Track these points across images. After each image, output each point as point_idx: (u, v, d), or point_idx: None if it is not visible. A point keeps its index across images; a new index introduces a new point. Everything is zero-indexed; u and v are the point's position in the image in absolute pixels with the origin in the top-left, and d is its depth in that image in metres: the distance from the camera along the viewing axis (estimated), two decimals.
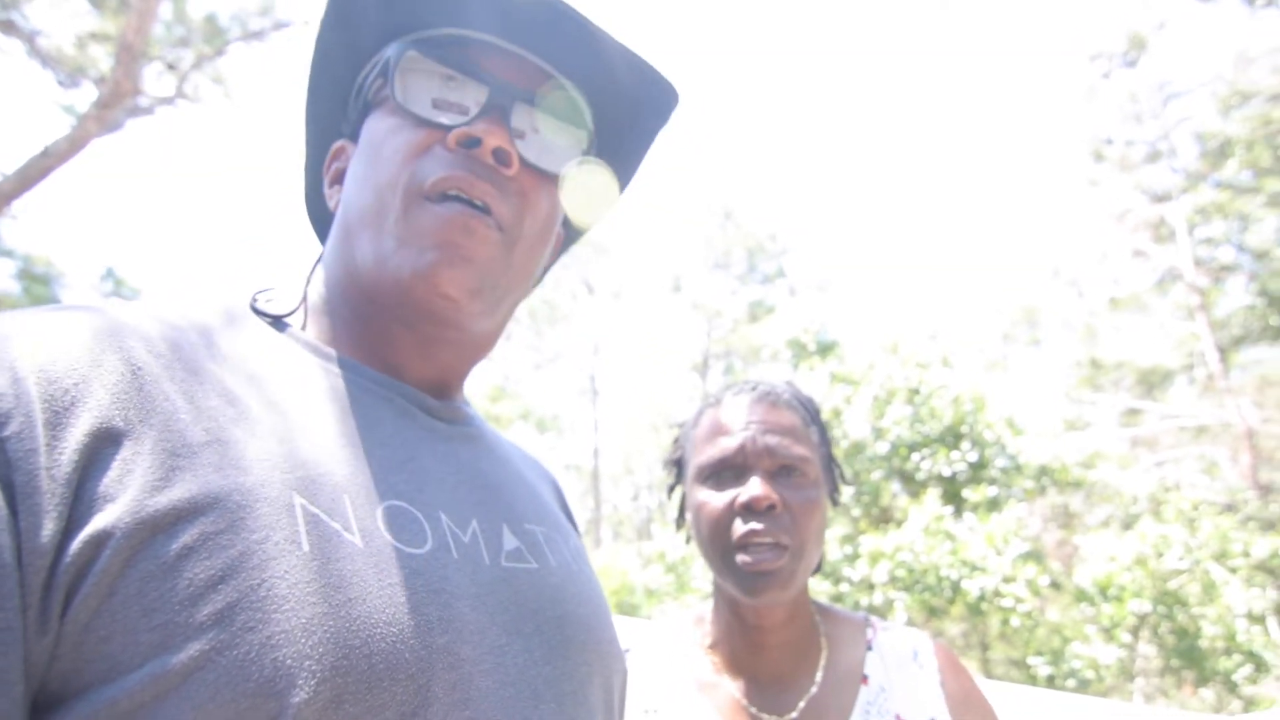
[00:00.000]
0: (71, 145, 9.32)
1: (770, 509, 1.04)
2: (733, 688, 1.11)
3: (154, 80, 11.41)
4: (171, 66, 11.53)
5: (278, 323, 0.68)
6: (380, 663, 0.48)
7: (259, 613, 0.45)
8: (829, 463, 1.20)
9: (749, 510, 1.04)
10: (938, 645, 1.14)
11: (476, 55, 0.68)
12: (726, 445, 1.09)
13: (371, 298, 0.67)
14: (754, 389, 1.17)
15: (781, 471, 1.08)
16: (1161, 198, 15.06)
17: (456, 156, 0.64)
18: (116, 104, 9.22)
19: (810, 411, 1.19)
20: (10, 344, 0.49)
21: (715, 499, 1.08)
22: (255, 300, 0.69)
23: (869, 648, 1.12)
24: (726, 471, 1.09)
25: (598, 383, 24.46)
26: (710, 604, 1.22)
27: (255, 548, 0.47)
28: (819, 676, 1.10)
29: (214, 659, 0.43)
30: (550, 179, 0.71)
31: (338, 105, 0.77)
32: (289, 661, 0.45)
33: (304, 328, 0.70)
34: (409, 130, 0.66)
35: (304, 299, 0.71)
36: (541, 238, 0.71)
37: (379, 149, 0.66)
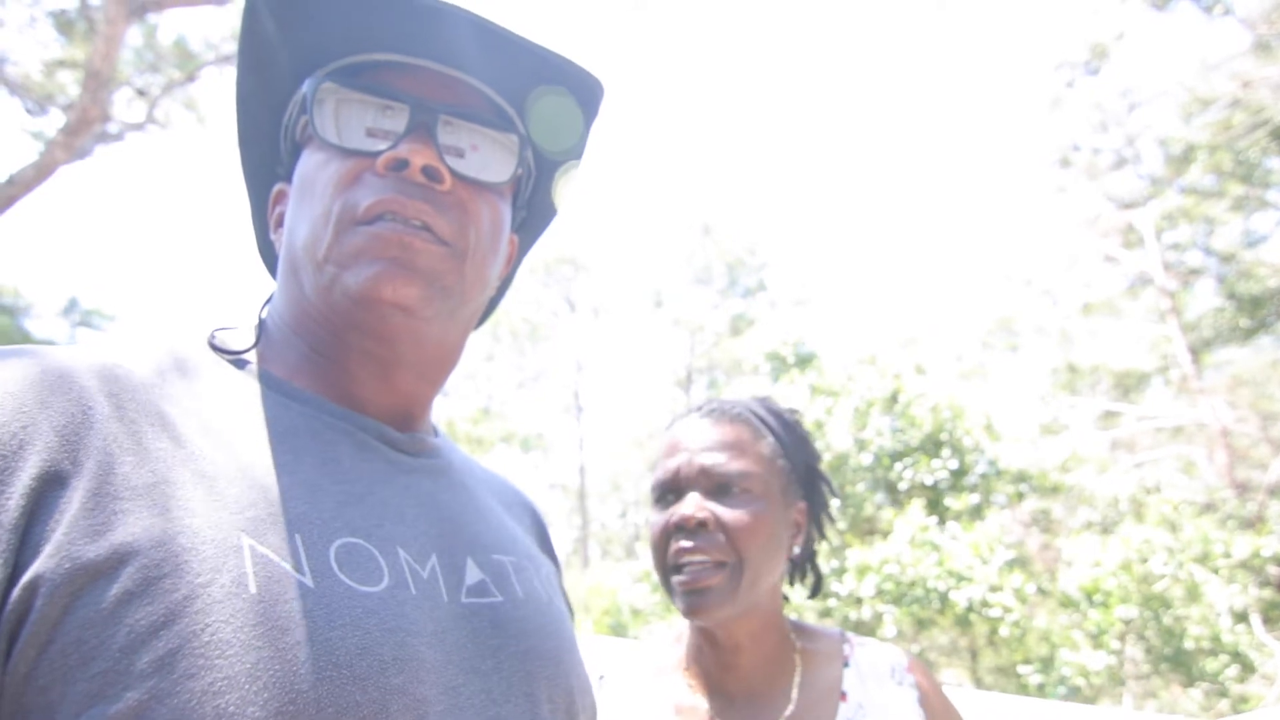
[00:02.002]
0: (38, 173, 9.17)
1: (701, 526, 1.04)
2: (708, 708, 1.10)
3: (124, 107, 11.29)
4: (141, 92, 11.42)
5: (237, 360, 0.67)
6: (329, 705, 0.47)
7: (201, 659, 0.44)
8: (805, 473, 1.18)
9: (681, 530, 1.05)
10: (914, 661, 1.14)
11: (392, 77, 0.68)
12: (668, 467, 1.11)
13: (326, 328, 0.67)
14: (700, 408, 1.17)
15: (719, 489, 1.07)
16: (1129, 204, 15.39)
17: (387, 181, 0.64)
18: (84, 131, 9.11)
19: (772, 422, 1.17)
20: None
21: (657, 520, 1.10)
22: (213, 338, 0.68)
23: (846, 664, 1.12)
24: (669, 493, 1.10)
25: (582, 400, 24.39)
26: (686, 622, 1.21)
27: (200, 591, 0.46)
28: (794, 694, 1.09)
29: (152, 708, 0.42)
30: (489, 188, 0.70)
31: (270, 150, 0.77)
32: (231, 709, 0.44)
33: (263, 364, 0.69)
34: (337, 162, 0.65)
35: (260, 336, 0.71)
36: (491, 247, 0.71)
37: (311, 185, 0.66)
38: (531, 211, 0.85)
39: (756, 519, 1.06)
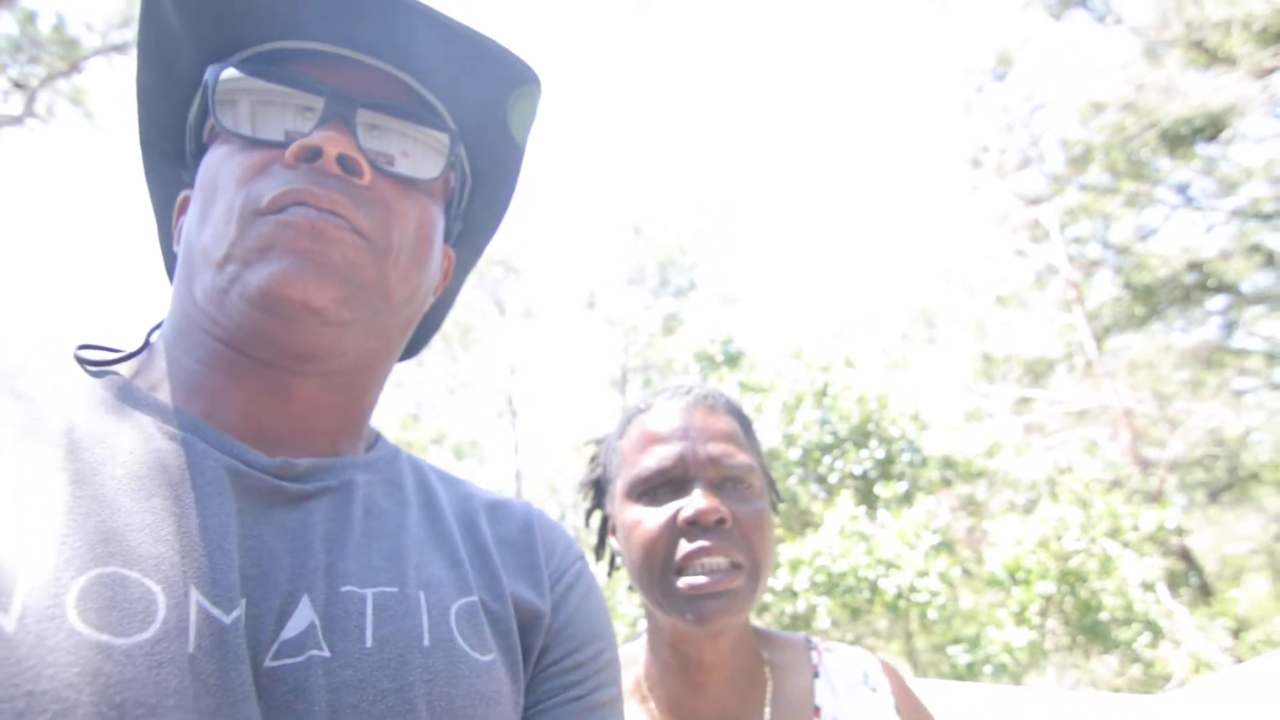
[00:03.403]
0: None
1: (720, 523, 0.91)
2: None
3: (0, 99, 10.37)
4: (19, 84, 10.52)
5: (100, 371, 0.59)
6: None
7: None
8: (766, 474, 1.08)
9: (695, 526, 0.91)
10: (885, 665, 1.04)
11: (308, 67, 0.62)
12: (664, 455, 0.95)
13: (215, 337, 0.59)
14: (688, 392, 1.03)
15: (726, 483, 0.95)
16: (1035, 201, 16.24)
17: (298, 171, 0.57)
18: None
19: (745, 419, 1.07)
20: None
21: (651, 516, 0.94)
22: (79, 350, 0.60)
23: (816, 674, 1.01)
24: (664, 485, 0.95)
25: (515, 404, 23.95)
26: (640, 642, 1.06)
27: None
28: (767, 712, 0.98)
29: None
30: (416, 186, 0.63)
31: (175, 155, 0.69)
32: None
33: (135, 377, 0.61)
34: (241, 154, 0.59)
35: (143, 349, 0.63)
36: (419, 251, 0.64)
37: (213, 181, 0.59)
38: (469, 224, 0.78)
39: (764, 517, 0.96)
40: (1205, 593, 10.27)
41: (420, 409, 23.10)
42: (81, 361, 0.59)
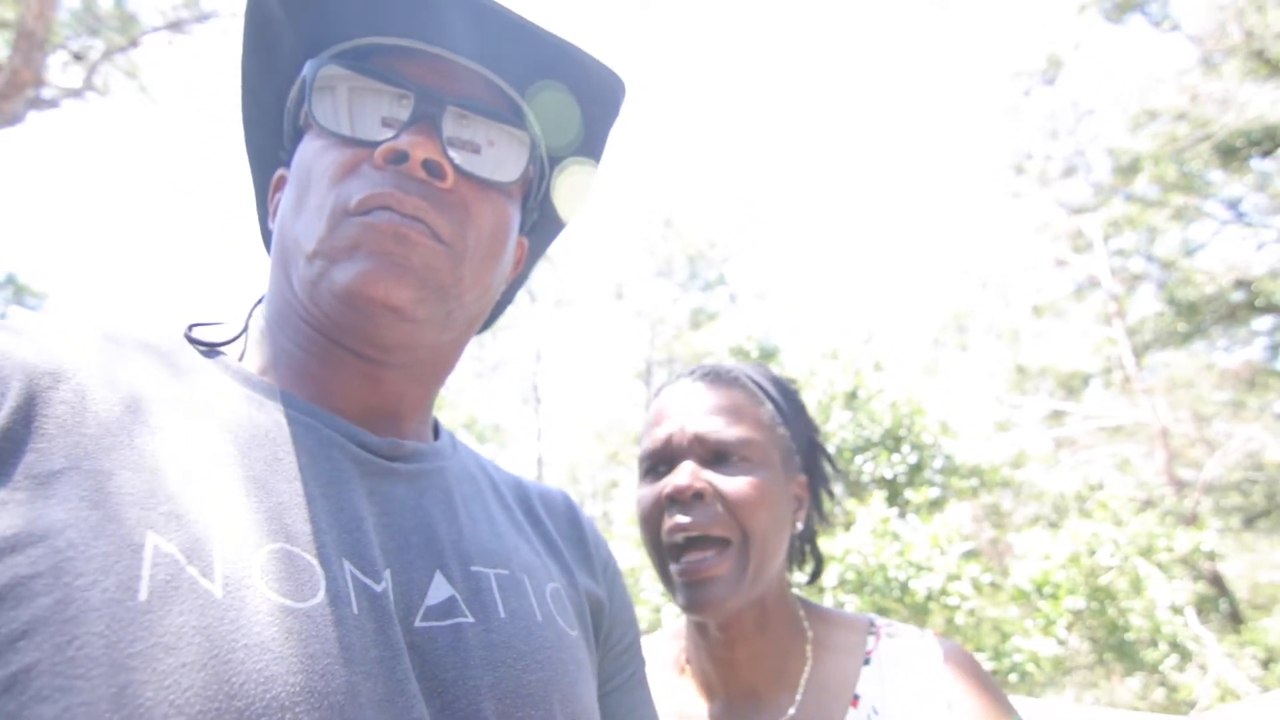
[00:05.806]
0: None
1: (698, 497, 0.92)
2: (706, 713, 0.98)
3: (59, 71, 10.67)
4: (78, 57, 10.80)
5: (211, 351, 0.63)
6: None
7: (59, 678, 0.38)
8: (806, 446, 1.06)
9: (674, 502, 0.93)
10: (950, 654, 0.97)
11: (400, 63, 0.64)
12: (657, 435, 0.99)
13: (311, 324, 0.63)
14: (693, 372, 1.06)
15: (716, 458, 0.96)
16: (1078, 210, 15.88)
17: (385, 174, 0.60)
18: (15, 94, 8.56)
19: (770, 389, 1.05)
20: None
21: (646, 493, 0.98)
22: (190, 330, 0.64)
23: (866, 660, 0.97)
24: (660, 464, 0.99)
25: (540, 391, 24.13)
26: (684, 619, 1.08)
27: (75, 595, 0.40)
28: (799, 696, 0.96)
29: None
30: (494, 188, 0.66)
31: (273, 134, 0.73)
32: None
33: (241, 358, 0.65)
34: (334, 150, 0.62)
35: (245, 330, 0.67)
36: (493, 251, 0.66)
37: (307, 174, 0.63)
38: (544, 214, 0.81)
39: (759, 489, 0.94)
40: (1235, 620, 10.06)
41: (446, 391, 23.38)
42: (192, 341, 0.63)
